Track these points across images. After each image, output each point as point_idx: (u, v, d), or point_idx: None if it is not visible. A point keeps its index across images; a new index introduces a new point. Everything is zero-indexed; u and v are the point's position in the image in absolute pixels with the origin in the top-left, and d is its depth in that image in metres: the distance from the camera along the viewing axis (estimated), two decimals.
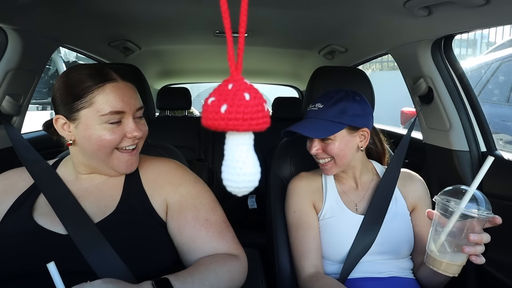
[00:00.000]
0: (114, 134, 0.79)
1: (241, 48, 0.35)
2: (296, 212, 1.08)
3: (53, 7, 1.13)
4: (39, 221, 0.78)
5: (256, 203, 2.23)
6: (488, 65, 3.39)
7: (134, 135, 0.81)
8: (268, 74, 3.06)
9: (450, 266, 0.77)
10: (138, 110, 0.84)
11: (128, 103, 0.80)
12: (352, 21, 1.41)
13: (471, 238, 0.73)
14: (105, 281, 0.62)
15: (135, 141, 0.83)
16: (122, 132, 0.80)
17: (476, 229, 0.76)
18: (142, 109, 0.86)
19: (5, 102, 1.17)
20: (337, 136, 1.00)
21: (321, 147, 1.02)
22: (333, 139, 1.00)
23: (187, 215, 0.84)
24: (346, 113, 1.00)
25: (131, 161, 0.85)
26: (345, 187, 1.11)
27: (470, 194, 0.74)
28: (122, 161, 0.83)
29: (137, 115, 0.84)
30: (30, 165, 0.88)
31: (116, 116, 0.79)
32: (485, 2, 0.88)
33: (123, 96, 0.80)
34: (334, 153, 1.01)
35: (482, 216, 0.74)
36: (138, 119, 0.85)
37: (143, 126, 0.86)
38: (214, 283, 0.73)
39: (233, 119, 0.34)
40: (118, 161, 0.83)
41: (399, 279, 1.01)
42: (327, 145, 1.01)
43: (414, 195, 1.09)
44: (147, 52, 2.12)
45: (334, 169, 1.04)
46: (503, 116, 3.07)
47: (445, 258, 0.77)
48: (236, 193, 0.39)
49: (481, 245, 0.75)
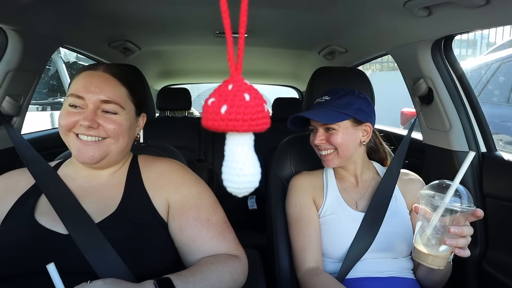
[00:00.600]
0: (68, 116, 0.80)
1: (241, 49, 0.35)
2: (297, 207, 1.09)
3: (53, 8, 1.13)
4: (41, 220, 0.78)
5: (256, 204, 2.23)
6: (488, 66, 3.39)
7: (83, 123, 0.78)
8: (268, 74, 3.06)
9: (435, 259, 0.79)
10: (105, 102, 0.81)
11: (90, 91, 0.80)
12: (352, 22, 1.41)
13: (451, 231, 0.76)
14: (105, 282, 0.62)
15: (88, 131, 0.80)
16: (77, 117, 0.80)
17: (461, 223, 0.78)
18: (113, 104, 0.82)
19: (5, 103, 1.17)
20: (341, 126, 1.03)
21: (325, 137, 1.05)
22: (337, 129, 1.03)
23: (189, 215, 0.84)
24: (351, 106, 1.04)
25: (84, 151, 0.81)
26: (346, 185, 1.11)
27: (453, 188, 0.77)
28: (74, 147, 0.82)
29: (105, 108, 0.82)
30: (32, 165, 0.88)
31: (76, 100, 0.80)
32: (485, 2, 0.88)
33: (88, 83, 0.81)
34: (337, 143, 1.03)
35: (464, 210, 0.76)
36: (105, 113, 0.82)
37: (108, 122, 0.82)
38: (216, 283, 0.73)
39: (233, 120, 0.34)
40: (71, 144, 0.83)
41: (399, 279, 1.01)
42: (330, 135, 1.03)
43: (414, 195, 1.10)
44: (147, 52, 2.12)
45: (335, 160, 1.05)
46: (503, 116, 3.07)
47: (430, 251, 0.79)
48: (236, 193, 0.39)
49: (464, 237, 0.77)
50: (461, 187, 0.79)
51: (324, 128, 1.05)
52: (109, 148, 0.84)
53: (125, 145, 0.87)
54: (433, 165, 1.47)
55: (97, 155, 0.82)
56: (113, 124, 0.82)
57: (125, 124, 0.85)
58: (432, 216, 0.79)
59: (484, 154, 1.31)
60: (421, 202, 0.83)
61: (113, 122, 0.82)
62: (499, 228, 1.21)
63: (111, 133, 0.82)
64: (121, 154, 0.88)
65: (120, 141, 0.85)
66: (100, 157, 0.83)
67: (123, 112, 0.85)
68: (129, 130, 0.87)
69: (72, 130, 0.81)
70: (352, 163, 1.10)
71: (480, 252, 1.25)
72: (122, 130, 0.84)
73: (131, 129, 0.89)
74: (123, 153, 0.89)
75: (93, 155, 0.82)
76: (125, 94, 0.86)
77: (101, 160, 0.84)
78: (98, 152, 0.82)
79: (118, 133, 0.83)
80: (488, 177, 1.27)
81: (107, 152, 0.84)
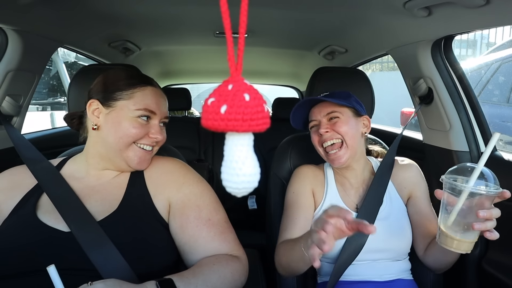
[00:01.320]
0: (140, 129, 0.86)
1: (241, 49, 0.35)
2: (294, 193, 1.09)
3: (53, 8, 1.13)
4: (43, 218, 0.79)
5: (256, 204, 2.23)
6: (488, 66, 3.39)
7: (156, 136, 0.89)
8: (268, 74, 3.06)
9: (462, 243, 0.78)
10: (165, 118, 0.93)
11: (160, 108, 0.90)
12: (352, 22, 1.41)
13: (480, 215, 0.73)
14: (106, 284, 0.62)
15: (153, 143, 0.90)
16: (147, 130, 0.88)
17: (486, 205, 0.76)
18: (168, 119, 0.95)
19: (5, 103, 1.17)
20: (344, 114, 1.04)
21: (329, 126, 1.03)
22: (341, 117, 1.04)
23: (189, 214, 0.84)
24: (351, 98, 1.07)
25: (144, 159, 0.89)
26: (346, 187, 1.11)
27: (478, 171, 0.74)
28: (137, 155, 0.88)
29: (163, 122, 0.94)
30: (32, 164, 0.88)
31: (148, 114, 0.88)
32: (485, 3, 0.88)
33: (158, 101, 0.90)
34: (343, 131, 1.02)
35: (491, 193, 0.74)
36: (162, 125, 0.94)
37: (164, 133, 0.93)
38: (217, 284, 0.73)
39: (233, 120, 0.34)
40: (133, 154, 0.87)
41: (399, 281, 1.01)
42: (335, 124, 1.03)
43: (408, 184, 1.10)
44: (147, 52, 2.11)
45: (346, 154, 1.03)
46: (503, 116, 3.07)
47: (456, 236, 0.77)
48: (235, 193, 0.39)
49: (492, 220, 0.75)
50: (486, 169, 0.76)
51: (327, 118, 1.05)
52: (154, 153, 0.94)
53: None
54: (433, 165, 1.47)
55: (150, 161, 0.92)
56: (165, 134, 0.94)
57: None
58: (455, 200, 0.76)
59: None
60: (444, 187, 0.80)
61: (165, 132, 0.94)
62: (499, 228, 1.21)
63: (162, 141, 0.93)
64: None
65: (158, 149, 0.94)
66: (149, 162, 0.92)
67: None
68: None
69: (138, 141, 0.87)
70: (356, 161, 1.09)
71: (480, 252, 1.25)
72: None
73: None
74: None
75: (149, 161, 0.92)
76: None
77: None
78: (151, 158, 0.92)
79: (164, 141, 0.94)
80: None
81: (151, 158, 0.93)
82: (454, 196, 0.77)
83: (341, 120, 1.03)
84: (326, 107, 1.05)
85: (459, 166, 0.80)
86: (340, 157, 1.03)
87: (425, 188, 1.10)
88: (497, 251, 1.21)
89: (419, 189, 1.09)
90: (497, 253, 1.20)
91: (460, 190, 0.75)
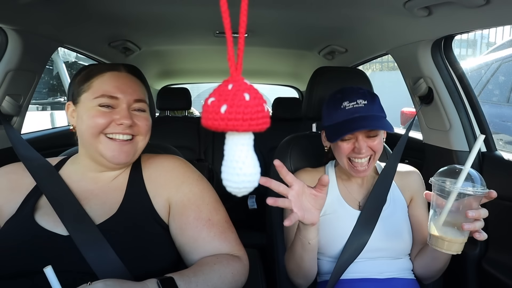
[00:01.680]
0: (101, 117, 0.80)
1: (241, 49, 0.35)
2: None
3: (53, 8, 1.13)
4: (41, 222, 0.78)
5: (256, 204, 2.23)
6: (488, 66, 3.39)
7: (121, 122, 0.81)
8: (268, 74, 3.06)
9: (453, 244, 0.79)
10: (137, 101, 0.85)
11: (123, 91, 0.83)
12: (352, 22, 1.41)
13: (469, 215, 0.75)
14: (106, 283, 0.62)
15: (125, 130, 0.82)
16: (111, 117, 0.81)
17: (474, 206, 0.78)
18: (143, 103, 0.87)
19: (5, 103, 1.17)
20: (380, 132, 1.00)
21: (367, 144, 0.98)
22: (378, 134, 1.00)
23: (189, 215, 0.83)
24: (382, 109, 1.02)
25: (120, 150, 0.82)
26: (349, 185, 1.11)
27: (465, 172, 0.77)
28: (108, 147, 0.82)
29: (136, 107, 0.85)
30: (30, 165, 0.87)
31: (108, 100, 0.81)
32: (485, 2, 0.88)
33: (119, 84, 0.83)
34: (378, 148, 0.99)
35: (478, 193, 0.76)
36: (137, 111, 0.86)
37: (141, 120, 0.85)
38: (218, 284, 0.73)
39: (233, 120, 0.34)
40: (103, 146, 0.82)
41: (399, 280, 1.01)
42: (374, 141, 0.98)
43: (411, 188, 1.11)
44: (147, 52, 2.12)
45: (371, 166, 1.02)
46: (503, 116, 3.06)
47: (446, 237, 0.79)
48: (235, 193, 0.39)
49: (480, 220, 0.77)
50: (473, 170, 0.79)
51: (366, 136, 0.98)
52: (138, 146, 0.87)
53: (146, 142, 0.90)
54: (433, 164, 1.47)
55: (132, 153, 0.85)
56: (144, 121, 0.86)
57: (150, 121, 0.90)
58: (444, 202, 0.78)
59: (484, 153, 1.31)
60: (433, 188, 0.82)
61: (144, 119, 0.86)
62: (499, 228, 1.21)
63: (143, 130, 0.86)
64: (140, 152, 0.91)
65: (147, 138, 0.89)
66: (134, 156, 0.86)
67: (147, 109, 0.89)
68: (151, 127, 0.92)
69: (105, 131, 0.81)
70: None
71: (480, 252, 1.25)
72: (149, 127, 0.89)
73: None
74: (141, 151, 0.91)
75: (127, 155, 0.84)
76: (145, 94, 0.90)
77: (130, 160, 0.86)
78: (132, 150, 0.85)
79: (147, 130, 0.87)
80: (488, 177, 1.26)
81: (138, 150, 0.87)
82: (443, 197, 0.79)
83: (379, 138, 0.99)
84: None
85: (447, 168, 0.82)
86: (367, 170, 1.01)
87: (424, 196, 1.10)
88: (497, 251, 1.21)
89: (419, 195, 1.10)
90: (497, 253, 1.20)
91: (448, 192, 0.77)
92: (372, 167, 1.03)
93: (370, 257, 1.01)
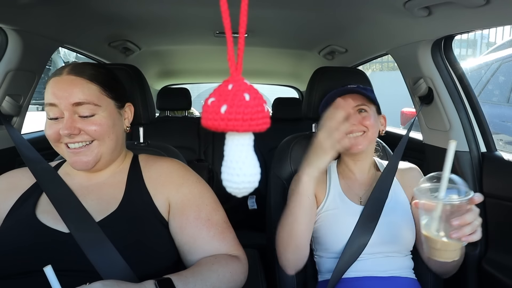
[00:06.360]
0: (49, 129, 0.79)
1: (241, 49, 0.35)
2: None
3: (53, 8, 1.13)
4: (42, 219, 0.78)
5: (256, 204, 2.23)
6: (488, 66, 3.39)
7: (62, 132, 0.76)
8: (268, 74, 3.06)
9: (446, 252, 0.79)
10: (77, 105, 0.78)
11: (59, 96, 0.78)
12: (352, 22, 1.41)
13: (453, 223, 0.75)
14: (104, 284, 0.62)
15: (74, 138, 0.79)
16: (57, 127, 0.78)
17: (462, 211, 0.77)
18: (86, 105, 0.79)
19: (5, 103, 1.17)
20: (371, 109, 1.07)
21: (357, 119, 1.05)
22: (369, 111, 1.07)
23: (189, 214, 0.84)
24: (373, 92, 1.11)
25: (78, 160, 0.81)
26: (350, 181, 1.12)
27: (445, 182, 0.77)
28: (68, 156, 0.82)
29: (80, 112, 0.79)
30: (32, 164, 0.88)
31: (51, 109, 0.79)
32: (485, 2, 0.88)
33: (56, 90, 0.78)
34: (369, 124, 1.05)
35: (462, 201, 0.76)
36: (83, 117, 0.80)
37: (89, 125, 0.80)
38: (216, 284, 0.73)
39: (233, 120, 0.34)
40: (65, 155, 0.82)
41: (400, 278, 1.01)
42: (364, 117, 1.05)
43: (412, 184, 1.11)
44: (147, 52, 2.12)
45: (364, 141, 1.05)
46: (503, 116, 3.06)
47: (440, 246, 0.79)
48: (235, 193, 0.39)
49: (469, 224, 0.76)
50: (454, 176, 0.79)
51: (356, 110, 1.06)
52: (99, 150, 0.82)
53: (114, 143, 0.85)
54: (433, 165, 1.47)
55: (91, 160, 0.82)
56: (93, 126, 0.80)
57: (105, 122, 0.82)
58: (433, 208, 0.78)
59: (484, 154, 1.31)
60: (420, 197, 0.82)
61: (93, 124, 0.80)
62: (499, 228, 1.21)
63: (94, 134, 0.80)
64: (115, 152, 0.88)
65: (107, 141, 0.83)
66: (94, 161, 0.83)
67: (100, 110, 0.81)
68: (114, 127, 0.84)
69: (61, 141, 0.81)
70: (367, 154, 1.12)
71: (480, 252, 1.25)
72: (104, 130, 0.82)
73: (116, 125, 0.86)
74: (117, 150, 0.88)
75: (87, 161, 0.81)
76: (97, 91, 0.82)
77: (97, 164, 0.84)
78: (90, 157, 0.81)
79: (102, 133, 0.81)
80: (488, 177, 1.27)
81: (99, 155, 0.83)
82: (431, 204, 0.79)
83: (369, 115, 1.06)
84: (355, 99, 1.07)
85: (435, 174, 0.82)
86: (359, 143, 1.04)
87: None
88: (497, 251, 1.21)
89: None
90: (497, 253, 1.20)
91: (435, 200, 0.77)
92: (367, 143, 1.06)
93: (371, 253, 1.01)
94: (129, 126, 0.93)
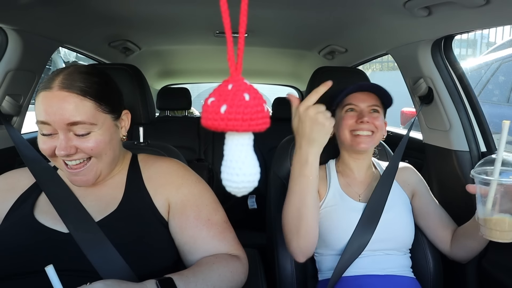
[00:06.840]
0: (44, 144, 0.76)
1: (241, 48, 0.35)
2: None
3: (53, 7, 1.13)
4: (40, 219, 0.78)
5: (256, 203, 2.23)
6: (488, 65, 3.39)
7: (59, 153, 0.73)
8: (268, 74, 3.06)
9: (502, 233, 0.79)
10: (72, 125, 0.73)
11: (52, 115, 0.72)
12: (352, 22, 1.41)
13: None
14: (106, 283, 0.62)
15: (71, 157, 0.75)
16: (53, 144, 0.75)
17: None
18: (82, 125, 0.74)
19: (5, 102, 1.17)
20: (381, 110, 1.09)
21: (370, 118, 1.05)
22: (380, 112, 1.08)
23: (189, 214, 0.84)
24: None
25: (77, 178, 0.79)
26: (349, 180, 1.13)
27: (499, 161, 0.77)
28: (65, 173, 0.79)
29: (76, 131, 0.74)
30: (32, 164, 0.88)
31: (44, 127, 0.74)
32: (485, 2, 0.88)
33: (47, 107, 0.72)
34: (379, 125, 1.06)
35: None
36: (79, 136, 0.75)
37: (85, 143, 0.75)
38: (217, 283, 0.73)
39: (232, 120, 0.34)
40: (63, 170, 0.79)
41: (399, 277, 1.01)
42: (376, 117, 1.06)
43: (410, 182, 1.15)
44: (147, 52, 2.12)
45: (371, 142, 1.06)
46: (503, 116, 3.06)
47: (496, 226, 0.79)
48: (235, 193, 0.39)
49: None
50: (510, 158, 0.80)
51: (370, 110, 1.06)
52: (97, 167, 0.80)
53: (111, 157, 0.83)
54: (433, 164, 1.47)
55: (90, 177, 0.80)
56: (90, 143, 0.76)
57: (102, 139, 0.78)
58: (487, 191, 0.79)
59: (484, 154, 1.31)
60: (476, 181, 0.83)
61: (89, 142, 0.76)
62: None
63: (91, 153, 0.77)
64: (114, 162, 0.86)
65: (104, 157, 0.80)
66: (94, 178, 0.81)
67: (97, 128, 0.77)
68: (110, 142, 0.81)
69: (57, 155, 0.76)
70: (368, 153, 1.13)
71: (480, 252, 1.25)
72: (101, 147, 0.78)
73: (113, 139, 0.82)
74: (114, 162, 0.85)
75: (87, 179, 0.79)
76: (92, 108, 0.76)
77: (97, 179, 0.82)
78: (89, 175, 0.79)
79: (99, 151, 0.78)
80: None
81: (98, 171, 0.81)
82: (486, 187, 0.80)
83: (380, 116, 1.07)
84: (371, 98, 1.08)
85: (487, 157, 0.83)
86: (367, 141, 1.05)
87: (425, 184, 1.17)
88: (497, 251, 1.21)
89: (422, 184, 1.16)
90: (497, 253, 1.20)
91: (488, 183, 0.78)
92: (373, 144, 1.08)
93: (370, 249, 1.01)
94: (125, 135, 0.90)
